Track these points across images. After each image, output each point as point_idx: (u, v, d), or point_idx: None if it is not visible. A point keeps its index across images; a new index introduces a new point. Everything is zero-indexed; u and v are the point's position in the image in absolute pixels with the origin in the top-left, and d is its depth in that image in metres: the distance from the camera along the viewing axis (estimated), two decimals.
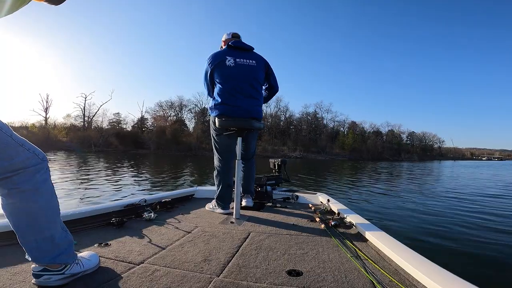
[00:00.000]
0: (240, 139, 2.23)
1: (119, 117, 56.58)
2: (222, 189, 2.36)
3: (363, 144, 62.15)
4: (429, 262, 1.21)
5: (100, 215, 1.93)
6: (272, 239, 1.68)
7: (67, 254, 1.07)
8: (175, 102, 58.55)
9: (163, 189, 8.08)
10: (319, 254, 1.46)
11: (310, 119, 65.05)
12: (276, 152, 48.79)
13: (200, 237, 1.70)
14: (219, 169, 2.40)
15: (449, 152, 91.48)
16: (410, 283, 1.16)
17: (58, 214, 1.08)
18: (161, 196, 2.55)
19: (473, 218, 5.34)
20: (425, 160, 60.68)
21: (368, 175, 16.44)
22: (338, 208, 2.32)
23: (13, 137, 0.97)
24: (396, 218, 5.25)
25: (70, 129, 50.33)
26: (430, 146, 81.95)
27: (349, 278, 1.19)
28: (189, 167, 17.39)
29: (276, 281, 1.16)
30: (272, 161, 3.55)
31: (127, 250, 1.43)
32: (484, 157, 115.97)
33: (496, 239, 4.00)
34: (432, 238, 4.01)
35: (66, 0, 1.02)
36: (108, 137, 48.13)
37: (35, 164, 1.01)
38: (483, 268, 3.02)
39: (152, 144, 47.98)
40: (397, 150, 67.00)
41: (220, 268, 1.26)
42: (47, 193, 1.04)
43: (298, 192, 3.09)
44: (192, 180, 10.31)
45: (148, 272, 1.19)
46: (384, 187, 10.32)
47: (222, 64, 2.25)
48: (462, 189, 10.08)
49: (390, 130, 73.97)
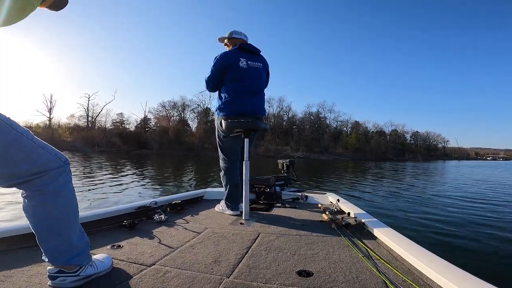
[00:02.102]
0: (247, 140, 2.23)
1: (122, 117, 56.95)
2: (230, 189, 2.38)
3: (366, 144, 61.81)
4: (444, 261, 1.19)
5: (112, 217, 1.96)
6: (282, 240, 1.67)
7: (83, 255, 1.10)
8: (178, 102, 58.71)
9: (172, 191, 8.10)
10: (329, 254, 1.45)
11: (313, 119, 64.84)
12: (278, 152, 48.70)
13: (210, 238, 1.71)
14: (226, 169, 2.42)
15: (454, 152, 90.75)
16: (424, 283, 1.14)
17: (77, 216, 1.11)
18: (171, 198, 2.57)
19: (487, 216, 5.27)
20: (429, 160, 60.27)
21: (372, 176, 16.35)
22: (348, 208, 2.31)
23: (34, 140, 0.99)
24: (405, 217, 5.22)
25: (74, 129, 50.66)
26: (434, 146, 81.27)
27: (361, 279, 1.18)
28: (192, 167, 17.43)
29: (287, 281, 1.15)
30: (281, 161, 3.55)
31: (138, 252, 1.45)
32: (489, 157, 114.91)
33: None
34: (444, 237, 3.97)
35: (66, 6, 1.07)
36: (111, 137, 48.39)
37: (57, 166, 1.03)
38: (500, 267, 2.97)
39: (155, 144, 48.15)
40: (401, 150, 66.51)
41: (230, 269, 1.26)
42: (68, 195, 1.06)
43: (307, 192, 3.09)
44: (198, 182, 10.32)
45: (160, 273, 1.20)
46: (389, 188, 10.26)
47: (236, 65, 2.30)
48: (473, 189, 9.98)
49: (393, 130, 73.54)
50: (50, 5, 1.02)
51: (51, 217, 1.01)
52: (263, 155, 45.54)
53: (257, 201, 2.82)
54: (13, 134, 0.94)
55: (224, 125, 2.20)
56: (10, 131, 0.93)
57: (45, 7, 1.01)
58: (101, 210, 1.97)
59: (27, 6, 0.85)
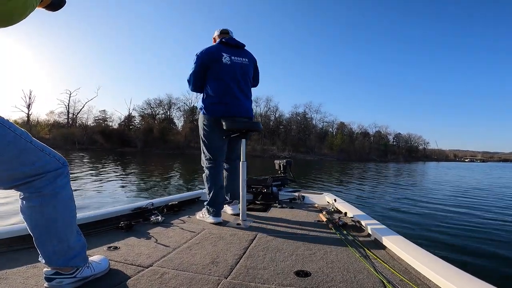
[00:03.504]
0: (244, 140, 2.18)
1: (105, 114, 55.46)
2: (215, 191, 2.18)
3: (351, 145, 63.05)
4: (441, 260, 1.22)
5: (108, 218, 1.94)
6: (279, 240, 1.67)
7: (80, 257, 1.09)
8: (164, 100, 57.84)
9: (156, 192, 7.91)
10: (327, 254, 1.46)
11: (299, 119, 65.46)
12: (265, 152, 48.85)
13: (208, 239, 1.69)
14: (211, 170, 2.23)
15: (433, 153, 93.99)
16: (421, 282, 1.16)
17: (75, 218, 1.11)
18: (168, 199, 2.54)
19: (485, 216, 5.42)
20: (411, 162, 62.17)
21: (358, 177, 16.67)
22: (345, 207, 2.33)
23: (33, 142, 0.99)
24: (399, 217, 5.29)
25: (53, 126, 48.96)
26: (415, 147, 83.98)
27: (359, 278, 1.18)
28: (178, 167, 17.13)
29: (284, 282, 1.15)
30: (278, 162, 3.56)
31: (135, 253, 1.43)
32: (467, 159, 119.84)
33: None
34: (440, 235, 4.03)
35: (63, 7, 1.06)
36: (93, 134, 47.07)
37: (56, 168, 1.03)
38: (496, 265, 3.01)
39: (139, 142, 47.20)
40: (384, 151, 68.31)
41: (228, 270, 1.25)
42: (66, 197, 1.06)
43: (304, 193, 3.10)
44: (186, 182, 10.14)
45: (157, 274, 1.19)
46: (373, 188, 10.49)
47: (219, 60, 2.15)
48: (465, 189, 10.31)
49: (377, 131, 75.49)
50: (47, 5, 1.01)
51: (48, 218, 1.01)
52: (249, 154, 45.43)
53: (254, 202, 2.81)
54: (11, 136, 0.93)
55: (224, 125, 2.10)
56: (8, 133, 0.93)
57: (43, 7, 1.01)
58: (97, 212, 1.96)
59: (29, 6, 0.85)
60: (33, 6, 0.88)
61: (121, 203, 5.26)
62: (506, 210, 6.34)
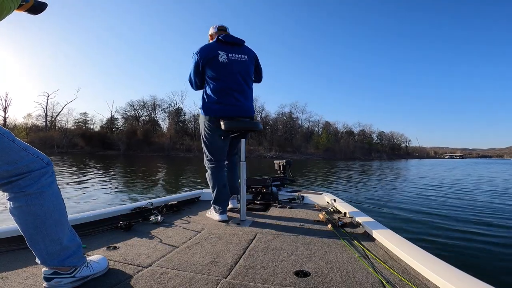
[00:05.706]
0: (243, 140, 2.17)
1: (86, 117, 53.99)
2: (219, 190, 2.24)
3: (336, 144, 64.18)
4: (440, 260, 1.22)
5: (108, 218, 1.93)
6: (279, 240, 1.67)
7: (75, 256, 1.09)
8: (148, 102, 56.88)
9: (154, 192, 7.71)
10: (326, 254, 1.46)
11: (285, 119, 66.02)
12: (252, 152, 48.91)
13: (207, 239, 1.68)
14: (213, 170, 2.28)
15: (415, 151, 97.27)
16: (420, 282, 1.16)
17: (65, 217, 1.10)
18: (167, 199, 2.53)
19: (483, 216, 5.39)
20: (394, 159, 63.81)
21: (344, 175, 16.93)
22: (344, 208, 2.34)
23: (15, 142, 1.00)
24: (396, 216, 5.25)
25: (31, 130, 47.01)
26: (398, 145, 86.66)
27: (358, 278, 1.19)
28: (162, 170, 16.79)
29: (284, 282, 1.15)
30: (277, 162, 3.56)
31: (135, 253, 1.42)
32: (447, 156, 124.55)
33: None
34: (438, 234, 4.01)
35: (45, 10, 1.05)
36: (73, 137, 45.61)
37: (39, 168, 1.04)
38: (495, 265, 3.02)
39: (122, 145, 46.12)
40: (368, 150, 69.97)
41: (227, 270, 1.25)
42: (53, 196, 1.06)
43: (303, 193, 3.09)
44: (171, 185, 9.93)
45: (157, 274, 1.19)
46: (367, 186, 10.67)
47: (215, 59, 2.11)
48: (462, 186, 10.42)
49: (361, 130, 77.39)
50: (28, 9, 0.99)
51: (36, 218, 1.01)
52: None
53: (253, 202, 2.79)
54: None
55: (223, 125, 2.07)
56: None
57: (24, 11, 0.99)
58: (96, 212, 1.95)
59: (4, 9, 0.85)
60: (10, 9, 0.87)
61: (117, 204, 5.11)
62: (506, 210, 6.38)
